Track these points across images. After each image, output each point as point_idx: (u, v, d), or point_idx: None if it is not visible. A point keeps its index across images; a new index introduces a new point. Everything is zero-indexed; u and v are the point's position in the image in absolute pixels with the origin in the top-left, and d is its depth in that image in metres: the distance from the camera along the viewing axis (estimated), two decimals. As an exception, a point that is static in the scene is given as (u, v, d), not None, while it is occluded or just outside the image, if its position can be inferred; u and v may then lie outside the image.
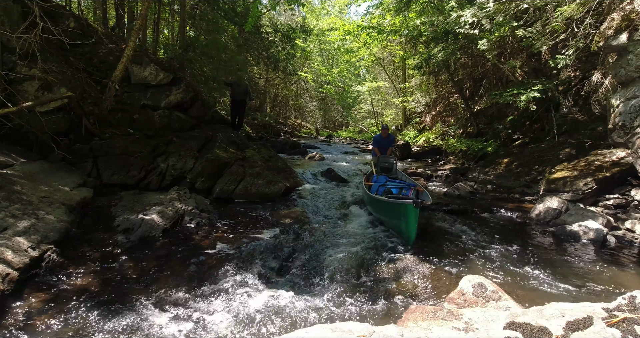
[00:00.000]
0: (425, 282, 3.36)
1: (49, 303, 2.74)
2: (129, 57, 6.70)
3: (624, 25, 4.83)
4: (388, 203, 4.54)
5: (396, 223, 4.46)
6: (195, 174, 6.17)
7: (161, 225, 4.29)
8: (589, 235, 4.61)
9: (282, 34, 14.80)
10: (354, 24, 17.17)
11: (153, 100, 7.57)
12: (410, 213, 4.03)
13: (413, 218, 4.01)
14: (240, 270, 3.46)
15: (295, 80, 23.20)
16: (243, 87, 9.18)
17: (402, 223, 4.26)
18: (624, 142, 5.22)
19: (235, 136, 8.39)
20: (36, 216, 3.72)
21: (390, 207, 4.49)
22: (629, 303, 1.58)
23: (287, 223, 4.97)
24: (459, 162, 11.30)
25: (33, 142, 5.50)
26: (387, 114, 25.68)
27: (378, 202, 4.89)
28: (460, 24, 7.04)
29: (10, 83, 5.24)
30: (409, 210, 4.03)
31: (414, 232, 4.06)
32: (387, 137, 7.46)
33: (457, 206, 6.11)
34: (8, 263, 2.88)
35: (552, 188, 6.09)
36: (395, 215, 4.42)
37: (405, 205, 4.08)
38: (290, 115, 28.36)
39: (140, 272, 3.36)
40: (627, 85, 5.08)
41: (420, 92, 17.66)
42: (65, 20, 6.75)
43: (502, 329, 1.51)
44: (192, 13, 12.24)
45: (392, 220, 4.57)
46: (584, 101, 8.06)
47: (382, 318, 2.76)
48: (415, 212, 3.97)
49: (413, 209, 3.97)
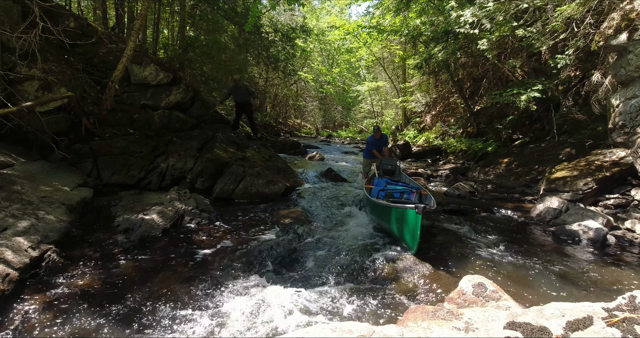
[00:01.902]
0: (425, 282, 3.35)
1: (49, 304, 2.74)
2: (129, 57, 6.70)
3: (624, 24, 4.82)
4: (389, 208, 4.26)
5: (397, 230, 4.16)
6: (195, 174, 6.18)
7: (161, 225, 4.29)
8: (589, 234, 4.61)
9: (282, 34, 14.80)
10: (354, 23, 17.16)
11: (153, 100, 7.58)
12: (412, 219, 3.75)
13: (415, 224, 3.70)
14: (240, 270, 3.46)
15: (295, 80, 23.19)
16: (243, 89, 8.85)
17: (404, 230, 3.97)
18: (624, 142, 5.22)
19: (235, 136, 8.39)
20: (36, 216, 3.72)
21: (391, 212, 4.21)
22: (629, 303, 1.58)
23: (287, 223, 4.97)
24: (459, 161, 11.30)
25: (33, 142, 5.50)
26: (387, 113, 25.68)
27: (378, 206, 4.63)
28: (460, 24, 7.03)
29: (10, 83, 5.24)
30: (410, 215, 3.76)
31: (417, 239, 3.72)
32: (380, 138, 7.26)
33: (457, 206, 6.11)
34: (8, 263, 2.88)
35: (552, 188, 6.09)
36: (396, 221, 4.13)
37: (406, 210, 3.82)
38: (290, 115, 28.37)
39: (140, 272, 3.36)
40: (627, 84, 5.07)
41: (420, 92, 17.66)
42: (65, 20, 6.76)
43: (502, 329, 1.51)
44: (192, 13, 12.24)
45: (393, 226, 4.25)
46: (584, 101, 8.06)
47: (382, 318, 2.76)
48: (417, 218, 3.65)
49: (415, 215, 3.67)
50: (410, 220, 3.80)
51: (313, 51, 26.44)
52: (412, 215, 3.75)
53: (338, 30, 17.02)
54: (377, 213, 4.84)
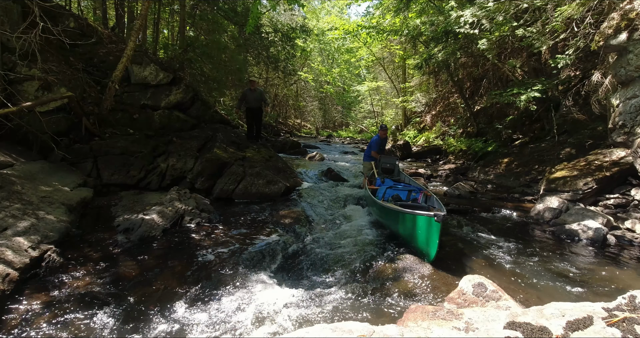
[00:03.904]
0: (425, 282, 3.35)
1: (49, 304, 2.74)
2: (129, 57, 6.70)
3: (624, 24, 4.82)
4: (402, 214, 4.00)
5: (409, 236, 3.94)
6: (195, 174, 6.17)
7: (161, 225, 4.29)
8: (589, 234, 4.61)
9: (282, 34, 14.81)
10: (354, 23, 17.16)
11: (153, 100, 7.58)
12: (430, 227, 3.56)
13: (435, 233, 3.52)
14: (240, 270, 3.46)
15: (295, 80, 23.21)
16: (257, 93, 8.34)
17: (418, 237, 3.76)
18: (624, 142, 5.22)
19: (235, 136, 8.38)
20: (36, 216, 3.72)
21: (405, 218, 3.97)
22: (629, 302, 1.58)
23: (287, 223, 4.97)
24: (459, 161, 11.31)
25: (33, 142, 5.50)
26: (387, 113, 25.68)
27: (387, 210, 4.40)
28: (460, 24, 7.03)
29: (10, 83, 5.24)
30: (428, 223, 3.56)
31: (435, 248, 3.55)
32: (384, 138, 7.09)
33: (457, 206, 6.11)
34: (8, 263, 2.88)
35: (552, 188, 6.09)
36: (409, 226, 3.91)
37: (427, 218, 3.59)
38: (290, 115, 28.38)
39: (140, 272, 3.35)
40: (627, 84, 5.07)
41: (420, 92, 17.66)
42: (65, 20, 6.77)
43: (502, 329, 1.51)
44: (192, 13, 12.25)
45: (405, 231, 4.03)
46: (584, 101, 8.06)
47: (382, 318, 2.76)
48: (437, 227, 3.48)
49: (435, 223, 3.48)
50: (427, 228, 3.62)
51: (313, 51, 26.45)
52: (430, 223, 3.56)
53: (338, 30, 17.03)
54: (385, 217, 4.65)
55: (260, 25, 14.08)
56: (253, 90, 8.29)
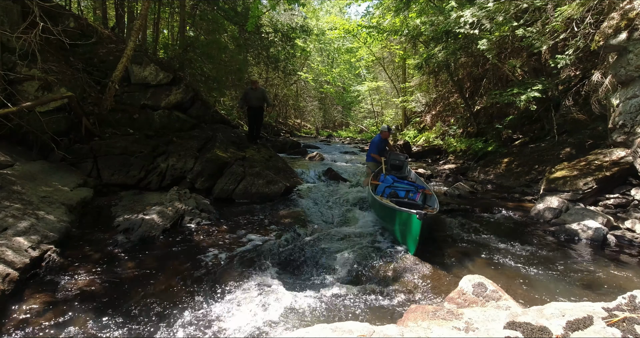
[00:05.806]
0: (425, 281, 3.35)
1: (49, 304, 2.74)
2: (129, 57, 6.70)
3: (624, 24, 4.82)
4: (392, 210, 4.28)
5: (398, 231, 4.23)
6: (195, 174, 6.18)
7: (161, 225, 4.29)
8: (589, 234, 4.61)
9: (282, 34, 14.80)
10: (354, 23, 17.17)
11: (153, 100, 7.58)
12: (413, 223, 3.79)
13: (416, 229, 3.75)
14: (239, 270, 3.46)
15: (295, 80, 23.20)
16: (259, 93, 8.26)
17: (405, 233, 4.02)
18: (624, 142, 5.23)
19: (235, 136, 8.38)
20: (36, 216, 3.73)
21: (394, 214, 4.25)
22: (629, 302, 1.58)
23: (287, 223, 4.97)
24: (459, 161, 11.30)
25: (33, 142, 5.50)
26: (387, 113, 25.66)
27: (382, 206, 4.67)
28: (460, 24, 7.03)
29: (10, 83, 5.24)
30: (412, 220, 3.80)
31: (416, 243, 3.81)
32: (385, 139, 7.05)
33: (457, 206, 6.11)
34: (8, 263, 2.88)
35: (552, 188, 6.08)
36: (398, 223, 4.19)
37: (409, 215, 3.83)
38: (290, 115, 28.37)
39: (141, 272, 3.36)
40: (627, 84, 5.08)
41: (420, 92, 17.64)
42: (65, 20, 6.77)
43: (502, 329, 1.51)
44: (192, 13, 12.25)
45: (395, 227, 4.31)
46: (584, 101, 8.06)
47: (382, 318, 2.76)
48: (418, 224, 3.71)
49: (416, 220, 3.71)
50: (410, 225, 3.84)
51: (313, 51, 26.45)
52: (413, 220, 3.78)
53: (338, 30, 17.02)
54: (381, 213, 4.88)
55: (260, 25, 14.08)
56: (255, 89, 8.25)
